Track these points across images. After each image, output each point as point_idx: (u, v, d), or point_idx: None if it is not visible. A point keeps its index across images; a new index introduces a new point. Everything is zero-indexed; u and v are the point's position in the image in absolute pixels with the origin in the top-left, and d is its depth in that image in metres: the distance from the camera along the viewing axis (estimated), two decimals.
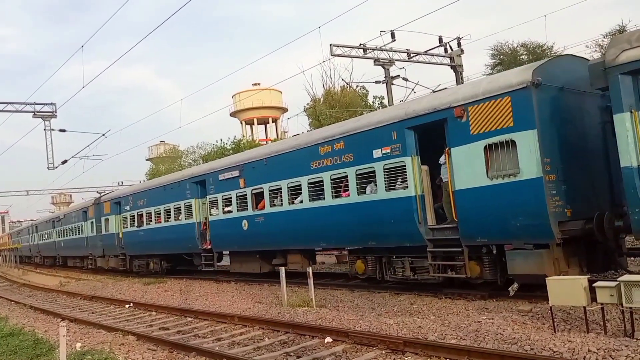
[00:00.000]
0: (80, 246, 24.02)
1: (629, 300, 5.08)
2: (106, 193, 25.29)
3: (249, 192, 12.44)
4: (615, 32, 21.77)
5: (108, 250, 20.82)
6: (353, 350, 6.01)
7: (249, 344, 6.80)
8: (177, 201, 15.65)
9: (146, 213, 17.54)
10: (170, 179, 16.82)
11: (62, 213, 30.20)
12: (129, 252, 19.15)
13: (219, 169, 13.82)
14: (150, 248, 17.61)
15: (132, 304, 11.62)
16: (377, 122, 9.17)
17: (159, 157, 51.54)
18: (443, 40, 17.99)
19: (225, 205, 13.40)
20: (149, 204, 17.41)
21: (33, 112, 18.16)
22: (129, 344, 7.47)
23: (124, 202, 19.37)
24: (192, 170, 16.52)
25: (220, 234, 13.69)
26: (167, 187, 16.42)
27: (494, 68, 25.80)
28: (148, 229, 17.42)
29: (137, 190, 18.89)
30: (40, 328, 9.28)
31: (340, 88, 27.96)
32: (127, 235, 18.92)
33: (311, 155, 10.41)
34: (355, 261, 10.10)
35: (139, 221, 17.92)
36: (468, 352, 5.18)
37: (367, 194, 9.26)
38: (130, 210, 18.68)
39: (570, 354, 4.86)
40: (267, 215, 11.84)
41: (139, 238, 17.93)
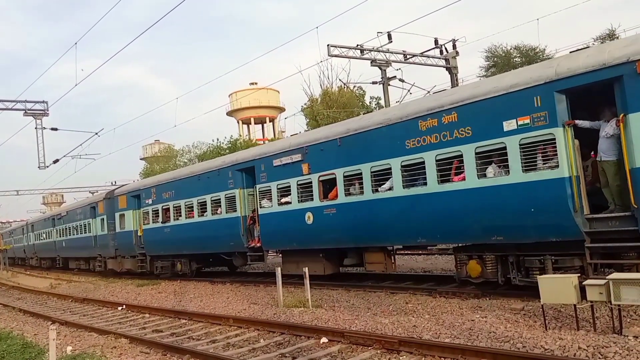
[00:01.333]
0: (87, 246, 21.50)
1: (617, 298, 5.19)
2: (120, 185, 22.68)
3: (315, 180, 10.36)
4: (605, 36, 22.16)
5: (123, 250, 18.47)
6: (349, 350, 6.04)
7: (244, 346, 6.79)
8: (215, 192, 13.36)
9: (174, 207, 15.15)
10: (207, 167, 14.32)
11: (65, 209, 26.83)
12: (151, 252, 16.90)
13: (273, 153, 11.57)
14: (178, 247, 15.26)
15: (125, 306, 11.51)
16: (510, 86, 7.15)
17: (154, 156, 51.05)
18: (439, 42, 18.16)
19: (281, 195, 11.34)
20: (178, 196, 14.96)
21: (24, 110, 17.90)
22: (122, 347, 7.41)
23: (144, 194, 16.80)
24: (237, 155, 13.70)
25: (274, 230, 11.54)
26: (203, 176, 13.93)
27: (488, 70, 26.11)
28: (176, 225, 15.00)
29: (163, 181, 16.21)
30: (29, 332, 9.14)
31: (337, 88, 28.07)
32: (148, 233, 16.61)
33: (406, 132, 8.48)
34: (467, 261, 8.15)
35: (165, 216, 15.65)
36: (462, 351, 5.25)
37: (491, 177, 7.36)
38: (153, 204, 16.21)
39: (561, 352, 4.95)
40: (340, 206, 9.79)
41: (164, 236, 15.62)
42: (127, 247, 18.07)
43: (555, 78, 6.71)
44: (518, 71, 7.86)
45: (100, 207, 20.29)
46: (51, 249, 27.71)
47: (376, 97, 28.66)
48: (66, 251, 25.36)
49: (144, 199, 16.94)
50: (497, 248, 7.72)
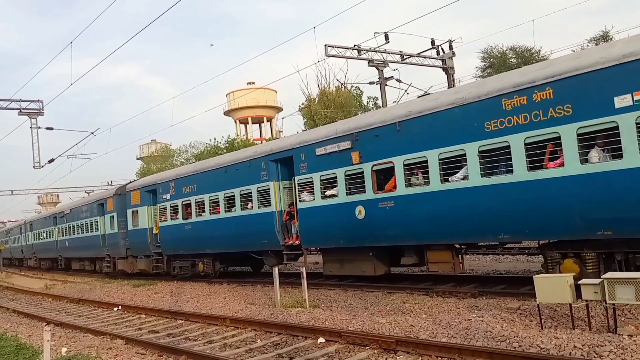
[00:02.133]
0: (94, 246, 20.10)
1: (612, 297, 5.23)
2: (132, 180, 21.41)
3: (368, 169, 9.19)
4: (599, 37, 22.36)
5: (136, 249, 17.09)
6: (346, 350, 6.05)
7: (241, 346, 6.78)
8: (246, 185, 12.12)
9: (196, 202, 13.84)
10: (236, 158, 12.97)
11: (68, 207, 24.94)
12: (168, 251, 15.47)
13: (316, 140, 10.34)
14: (200, 245, 13.95)
15: (121, 306, 11.45)
16: (623, 55, 6.16)
17: (150, 156, 50.82)
18: (435, 42, 18.21)
19: (325, 187, 10.17)
20: (201, 190, 13.66)
21: (19, 110, 17.78)
22: (117, 348, 7.37)
23: (162, 189, 15.36)
24: (271, 145, 12.45)
25: (316, 226, 10.31)
26: (231, 168, 12.66)
27: (484, 71, 26.26)
28: (199, 222, 13.75)
29: (183, 174, 14.82)
30: (23, 333, 9.07)
31: (335, 88, 28.11)
32: (165, 231, 15.22)
33: (485, 113, 7.39)
34: (560, 261, 7.13)
35: (185, 212, 14.30)
36: (458, 350, 5.27)
37: (596, 162, 6.40)
38: (172, 199, 14.82)
39: (556, 351, 4.98)
40: (400, 198, 8.65)
41: (185, 233, 14.28)
42: (141, 246, 16.65)
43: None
44: (630, 39, 6.70)
45: (109, 204, 18.75)
46: (52, 249, 26.20)
47: (373, 97, 28.79)
48: (69, 251, 23.88)
49: (160, 194, 15.43)
50: (601, 244, 6.66)
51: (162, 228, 15.47)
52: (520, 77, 7.28)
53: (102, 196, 20.34)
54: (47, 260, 28.59)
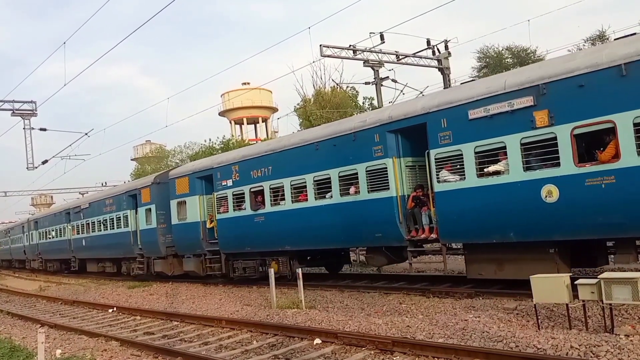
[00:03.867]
0: (122, 244, 17.16)
1: (608, 297, 5.23)
2: (174, 167, 18.30)
3: (565, 135, 6.63)
4: (595, 37, 22.50)
5: (182, 247, 14.30)
6: (342, 351, 6.02)
7: (236, 348, 6.74)
8: (348, 165, 9.50)
9: (271, 188, 11.28)
10: (333, 131, 10.04)
11: (86, 200, 21.91)
12: (228, 249, 12.81)
13: (468, 100, 7.73)
14: (277, 241, 11.27)
15: (116, 308, 11.39)
16: None
17: (145, 156, 50.59)
18: (431, 42, 18.22)
19: (482, 162, 7.60)
20: (279, 174, 11.07)
21: (12, 110, 17.64)
22: (112, 349, 7.31)
23: (220, 174, 12.70)
24: (389, 111, 9.32)
25: (469, 214, 7.79)
26: (325, 144, 9.95)
27: (480, 71, 26.36)
28: (275, 213, 11.19)
29: (252, 155, 12.04)
30: (17, 335, 8.99)
31: (330, 88, 28.09)
32: (226, 224, 12.59)
33: None
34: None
35: (255, 201, 11.77)
36: (455, 351, 5.26)
37: None
38: (235, 185, 12.23)
39: (553, 351, 4.98)
40: (627, 172, 6.20)
41: (254, 227, 11.72)
42: (189, 243, 13.86)
43: None
44: None
45: (144, 195, 15.73)
46: (63, 249, 22.90)
47: (369, 98, 28.76)
48: (86, 251, 20.78)
49: (218, 181, 12.76)
50: None
51: (220, 221, 12.70)
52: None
53: (134, 186, 17.09)
54: (55, 261, 25.35)
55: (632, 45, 6.36)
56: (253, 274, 12.43)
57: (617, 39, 7.38)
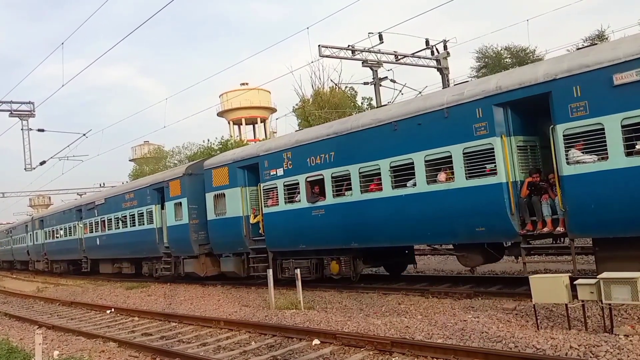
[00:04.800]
0: (144, 242, 15.65)
1: (608, 297, 5.22)
2: (209, 156, 16.47)
3: None
4: (594, 36, 22.54)
5: (220, 245, 12.78)
6: (341, 352, 6.00)
7: (235, 349, 6.71)
8: (437, 147, 8.02)
9: (333, 177, 9.72)
10: (416, 108, 8.47)
11: (102, 196, 19.98)
12: (278, 247, 11.23)
13: (612, 62, 6.33)
14: (341, 237, 9.70)
15: (114, 309, 11.34)
16: None
17: (143, 157, 50.50)
18: (430, 42, 18.22)
19: (630, 139, 6.28)
20: (343, 160, 9.51)
21: (10, 111, 17.58)
22: (110, 350, 7.29)
23: (268, 162, 11.18)
24: (495, 80, 7.73)
25: (610, 201, 6.40)
26: (406, 123, 8.45)
27: (479, 71, 26.38)
28: (339, 205, 9.63)
29: (309, 140, 10.39)
30: (14, 336, 8.95)
31: (329, 89, 28.07)
32: (275, 219, 11.03)
33: None
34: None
35: (312, 192, 10.26)
36: (454, 351, 5.24)
37: None
38: (287, 175, 10.65)
39: (552, 351, 4.96)
40: None
41: (311, 221, 10.17)
42: (229, 240, 12.31)
43: None
44: None
45: (174, 188, 14.19)
46: (73, 249, 21.31)
47: (368, 98, 28.77)
48: (100, 251, 19.21)
49: (266, 170, 11.22)
50: None
51: (268, 216, 11.18)
52: None
53: (160, 178, 15.34)
54: (62, 262, 23.58)
55: None
56: (307, 276, 10.44)
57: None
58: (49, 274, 25.01)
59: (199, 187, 13.51)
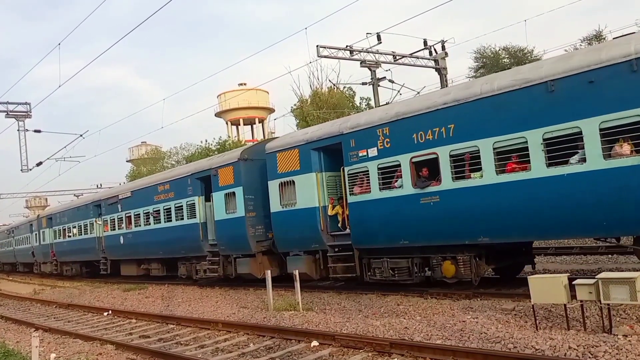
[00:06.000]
0: (184, 240, 13.61)
1: (606, 297, 5.23)
2: (270, 139, 13.94)
3: None
4: (592, 36, 22.63)
5: (287, 242, 10.86)
6: (339, 353, 5.98)
7: (233, 350, 6.69)
8: (612, 112, 6.18)
9: (452, 157, 7.83)
10: (591, 62, 6.49)
11: (128, 188, 17.72)
12: (365, 243, 9.33)
13: None
14: (461, 231, 7.80)
15: (111, 311, 11.30)
16: None
17: (141, 158, 50.37)
18: (428, 43, 18.26)
19: None
20: (465, 134, 7.66)
21: (6, 112, 17.49)
22: (107, 353, 7.26)
23: (357, 141, 9.24)
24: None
25: None
26: (566, 83, 6.61)
27: (477, 71, 26.44)
28: (458, 191, 7.77)
29: (412, 112, 8.45)
30: (11, 339, 8.92)
31: (327, 89, 28.07)
32: (362, 210, 9.16)
33: None
34: None
35: (420, 176, 8.34)
36: (453, 352, 5.24)
37: None
38: (383, 155, 8.76)
39: (551, 351, 4.96)
40: None
41: (416, 213, 8.31)
42: (300, 236, 10.37)
43: None
44: None
45: (224, 176, 12.19)
46: (90, 249, 19.24)
47: (366, 98, 28.81)
48: (125, 251, 17.02)
49: (352, 150, 9.31)
50: None
51: (355, 206, 9.27)
52: None
53: (206, 166, 13.18)
54: (74, 264, 21.41)
55: None
56: (407, 278, 8.69)
57: None
58: (57, 277, 23.01)
59: (256, 175, 11.67)
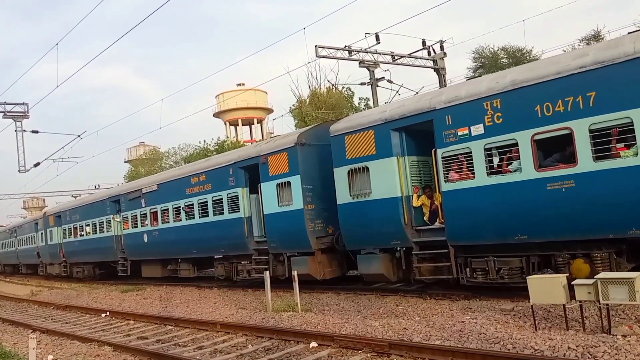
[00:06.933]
0: (224, 238, 12.23)
1: (605, 297, 5.22)
2: (335, 120, 11.27)
3: None
4: (590, 37, 22.68)
5: (358, 238, 9.43)
6: (338, 354, 5.97)
7: (231, 352, 6.67)
8: None
9: (592, 132, 6.31)
10: None
11: (154, 181, 15.64)
12: (464, 239, 7.84)
13: None
14: (606, 221, 6.31)
15: (109, 312, 11.25)
16: None
17: (139, 159, 50.28)
18: (426, 43, 18.27)
19: None
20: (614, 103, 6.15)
21: (3, 113, 17.44)
22: (105, 354, 7.24)
23: (454, 118, 7.70)
24: None
25: None
26: None
27: (475, 71, 26.47)
28: (601, 174, 6.32)
29: (534, 80, 6.91)
30: (8, 341, 8.87)
31: (326, 89, 28.06)
32: (465, 198, 7.64)
33: None
34: None
35: (545, 156, 6.98)
36: (452, 353, 5.23)
37: None
38: (492, 133, 7.25)
39: (550, 352, 4.96)
40: None
41: (540, 200, 6.83)
42: (377, 230, 8.91)
43: None
44: None
45: (277, 163, 10.72)
46: (106, 249, 17.68)
47: (365, 98, 28.79)
48: (149, 250, 15.53)
49: (447, 129, 7.72)
50: None
51: (451, 195, 7.74)
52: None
53: (253, 152, 11.61)
54: (87, 265, 19.86)
55: None
56: (520, 281, 7.11)
57: None
58: (66, 279, 21.34)
59: (314, 161, 10.35)
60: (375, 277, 9.27)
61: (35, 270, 26.15)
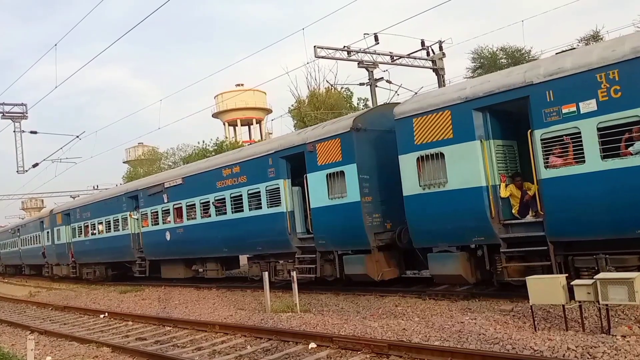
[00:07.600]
0: (262, 234, 11.25)
1: (605, 298, 5.22)
2: (398, 102, 9.51)
3: None
4: (589, 37, 22.72)
5: (429, 235, 8.26)
6: (337, 355, 5.96)
7: (230, 353, 6.65)
8: None
9: None
10: None
11: (178, 174, 14.39)
12: (572, 234, 6.63)
13: None
14: None
15: (107, 313, 11.22)
16: None
17: (137, 159, 50.27)
18: (425, 43, 18.28)
19: None
20: None
21: (2, 113, 17.42)
22: (103, 356, 7.22)
23: (557, 94, 6.52)
24: None
25: None
26: None
27: (474, 71, 26.49)
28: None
29: None
30: (6, 342, 8.83)
31: (324, 89, 28.07)
32: (577, 185, 6.41)
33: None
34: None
35: None
36: (451, 354, 5.22)
37: None
38: (615, 109, 6.07)
39: (550, 352, 4.95)
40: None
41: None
42: (455, 225, 7.76)
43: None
44: None
45: (326, 152, 9.64)
46: (121, 249, 16.47)
47: (364, 99, 28.80)
48: (171, 249, 14.31)
49: (547, 107, 6.66)
50: None
51: (552, 183, 6.67)
52: None
53: (298, 140, 10.39)
54: (98, 266, 18.61)
55: None
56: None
57: None
58: (74, 281, 20.13)
59: (370, 149, 9.33)
60: (451, 278, 8.07)
61: (39, 271, 25.05)
